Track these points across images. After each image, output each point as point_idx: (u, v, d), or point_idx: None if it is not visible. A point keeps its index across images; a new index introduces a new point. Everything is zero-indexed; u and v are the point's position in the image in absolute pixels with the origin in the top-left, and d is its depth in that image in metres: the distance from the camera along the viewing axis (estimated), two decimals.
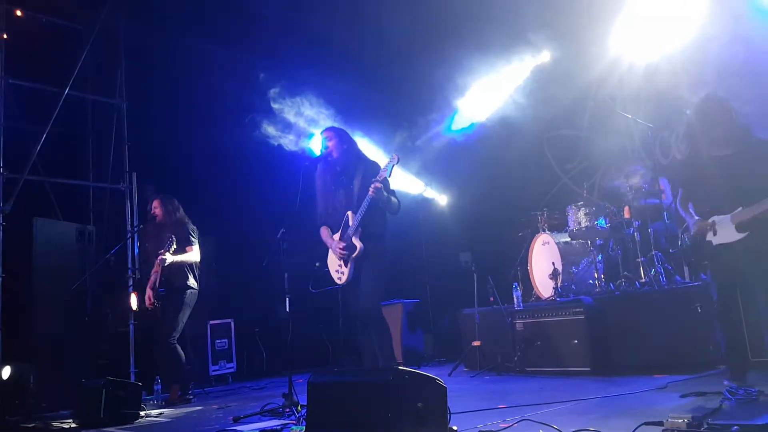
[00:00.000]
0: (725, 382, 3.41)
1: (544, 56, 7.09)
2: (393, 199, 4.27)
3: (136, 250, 6.92)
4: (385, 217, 4.34)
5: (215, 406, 5.03)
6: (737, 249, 3.48)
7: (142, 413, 4.61)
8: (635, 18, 6.04)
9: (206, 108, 7.33)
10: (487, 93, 7.50)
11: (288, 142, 7.05)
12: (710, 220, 3.61)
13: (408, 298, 7.46)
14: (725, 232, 3.53)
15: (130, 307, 6.49)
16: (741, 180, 3.48)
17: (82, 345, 6.12)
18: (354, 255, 4.19)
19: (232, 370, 7.27)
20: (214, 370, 7.07)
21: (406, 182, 8.19)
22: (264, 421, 3.91)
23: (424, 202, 8.51)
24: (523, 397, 3.92)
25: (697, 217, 3.70)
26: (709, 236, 3.61)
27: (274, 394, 5.21)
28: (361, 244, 4.17)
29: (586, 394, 3.83)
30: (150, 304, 5.46)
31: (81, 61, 6.76)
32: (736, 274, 3.56)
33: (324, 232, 4.44)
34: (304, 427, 2.89)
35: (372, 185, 4.07)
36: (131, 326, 6.60)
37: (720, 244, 3.56)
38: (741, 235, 3.45)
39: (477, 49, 6.88)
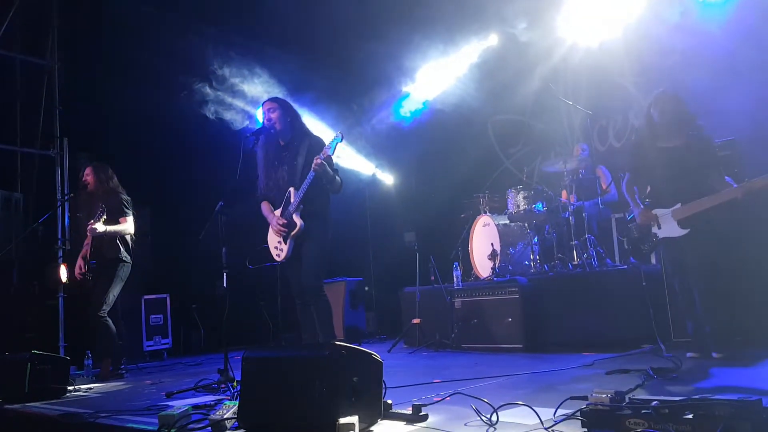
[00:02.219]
0: (688, 355, 3.79)
1: (492, 40, 7.16)
2: (337, 177, 4.21)
3: (67, 220, 6.60)
4: (327, 195, 4.26)
5: (148, 382, 4.91)
6: (681, 244, 3.80)
7: (70, 388, 4.44)
8: (581, 3, 6.16)
9: (146, 74, 6.97)
10: (435, 76, 7.53)
11: (229, 114, 6.85)
12: (653, 213, 3.87)
13: (351, 276, 7.48)
14: (669, 226, 3.82)
15: (60, 279, 6.22)
16: (681, 175, 3.73)
17: (7, 317, 5.82)
18: (294, 233, 4.13)
19: (167, 345, 7.09)
20: (148, 346, 6.89)
21: (355, 162, 8.15)
22: (198, 396, 3.84)
23: (371, 182, 8.50)
24: (458, 372, 4.02)
25: (642, 206, 3.95)
26: (654, 228, 3.90)
27: (210, 370, 5.12)
28: (302, 222, 4.10)
29: (517, 370, 3.97)
30: (79, 274, 5.24)
31: (9, 17, 6.31)
32: (680, 266, 3.88)
33: (265, 206, 4.33)
34: (238, 402, 2.86)
35: (314, 161, 4.00)
36: (60, 299, 6.34)
37: (666, 237, 3.85)
38: (684, 231, 3.75)
39: (425, 32, 6.87)
